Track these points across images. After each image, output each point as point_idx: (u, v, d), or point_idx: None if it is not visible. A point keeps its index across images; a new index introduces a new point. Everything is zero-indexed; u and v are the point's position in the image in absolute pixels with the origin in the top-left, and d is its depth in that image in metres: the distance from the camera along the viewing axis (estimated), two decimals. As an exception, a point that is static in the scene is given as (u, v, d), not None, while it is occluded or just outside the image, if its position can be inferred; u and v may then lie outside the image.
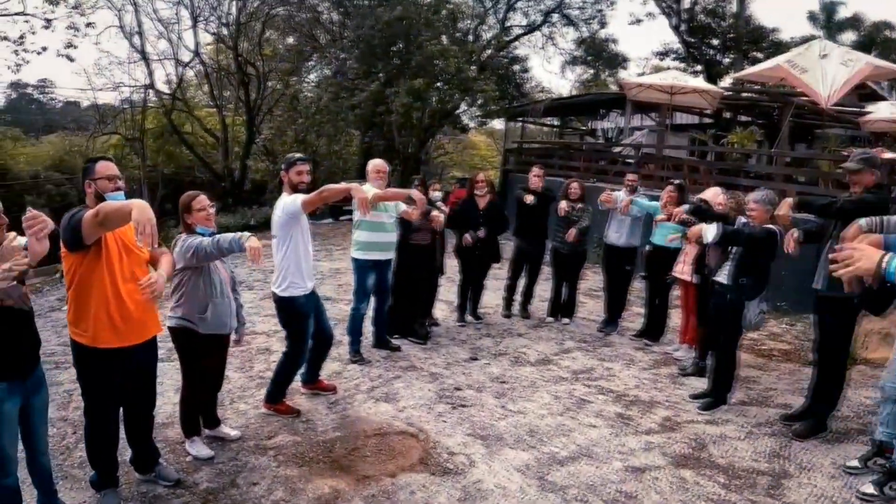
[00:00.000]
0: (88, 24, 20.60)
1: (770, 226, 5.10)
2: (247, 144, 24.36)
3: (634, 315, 8.34)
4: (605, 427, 5.09)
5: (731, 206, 6.01)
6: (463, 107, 21.45)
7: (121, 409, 3.88)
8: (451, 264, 8.02)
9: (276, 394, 5.15)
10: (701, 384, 5.97)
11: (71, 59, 21.56)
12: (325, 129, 20.37)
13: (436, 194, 7.56)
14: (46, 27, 19.95)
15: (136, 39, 23.27)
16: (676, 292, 7.36)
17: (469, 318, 8.07)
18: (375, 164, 6.29)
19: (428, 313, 7.60)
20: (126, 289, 3.56)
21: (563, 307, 8.26)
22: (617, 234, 7.68)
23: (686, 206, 5.93)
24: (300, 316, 4.97)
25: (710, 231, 5.04)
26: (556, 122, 29.21)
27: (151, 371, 3.96)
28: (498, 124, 29.60)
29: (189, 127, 26.03)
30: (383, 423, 5.04)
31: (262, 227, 16.79)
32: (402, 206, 6.42)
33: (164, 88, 24.80)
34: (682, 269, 6.63)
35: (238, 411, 5.20)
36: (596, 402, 5.62)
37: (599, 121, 27.57)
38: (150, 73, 23.91)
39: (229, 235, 3.99)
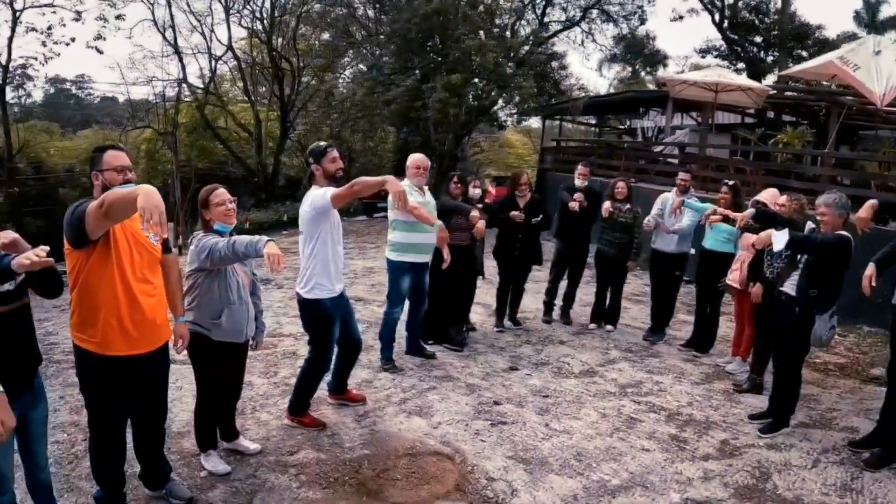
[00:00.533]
0: (118, 17, 20.42)
1: (842, 232, 4.61)
2: (280, 140, 24.19)
3: (679, 322, 7.86)
4: (659, 451, 4.62)
5: (794, 209, 5.52)
6: (500, 103, 21.08)
7: (129, 420, 3.54)
8: (489, 265, 7.60)
9: (299, 404, 4.79)
10: (758, 402, 5.50)
11: (100, 52, 21.33)
12: (359, 125, 20.10)
13: (475, 192, 7.13)
14: (77, 19, 19.85)
15: (169, 33, 23.16)
16: (729, 299, 6.89)
17: (508, 323, 7.63)
18: (416, 159, 5.90)
19: (465, 318, 7.19)
20: (140, 289, 3.23)
21: (606, 313, 7.81)
22: (666, 239, 7.20)
23: (751, 211, 5.44)
24: (324, 320, 4.58)
25: (779, 239, 4.55)
26: (593, 121, 28.59)
27: (163, 380, 3.62)
28: (534, 123, 29.22)
29: (223, 122, 25.89)
30: (416, 440, 4.63)
31: (294, 223, 16.53)
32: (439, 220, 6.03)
33: (198, 83, 24.68)
34: (738, 277, 6.15)
35: (259, 421, 4.85)
36: (647, 421, 5.16)
37: (639, 120, 26.89)
38: (183, 67, 23.84)
39: (246, 238, 3.59)
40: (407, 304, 6.16)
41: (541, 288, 8.29)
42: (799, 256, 4.90)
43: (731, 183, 6.58)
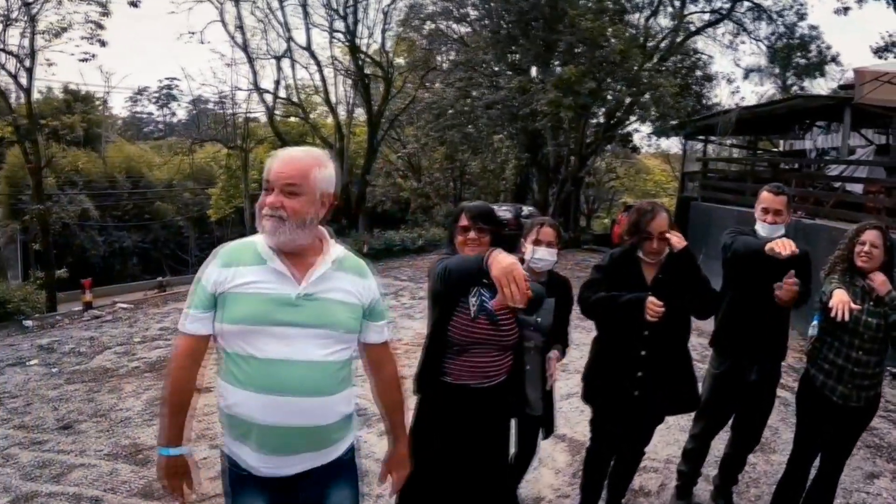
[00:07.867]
0: (132, 4, 16.93)
1: None
2: (367, 156, 20.83)
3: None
4: None
5: None
6: (631, 118, 17.17)
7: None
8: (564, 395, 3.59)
9: None
10: None
11: (103, 43, 17.00)
12: (448, 135, 16.50)
13: (540, 254, 3.09)
14: (104, 14, 16.43)
15: (239, 36, 20.26)
16: None
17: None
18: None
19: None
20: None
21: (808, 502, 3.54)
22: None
23: None
24: None
25: None
26: (736, 142, 23.54)
27: None
28: (673, 147, 25.06)
29: (311, 138, 23.04)
30: None
31: (381, 256, 13.90)
32: None
33: (281, 93, 21.77)
34: None
35: None
36: None
37: (800, 140, 21.41)
38: (254, 73, 20.78)
39: None
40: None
41: (673, 437, 4.23)
42: None
43: None
